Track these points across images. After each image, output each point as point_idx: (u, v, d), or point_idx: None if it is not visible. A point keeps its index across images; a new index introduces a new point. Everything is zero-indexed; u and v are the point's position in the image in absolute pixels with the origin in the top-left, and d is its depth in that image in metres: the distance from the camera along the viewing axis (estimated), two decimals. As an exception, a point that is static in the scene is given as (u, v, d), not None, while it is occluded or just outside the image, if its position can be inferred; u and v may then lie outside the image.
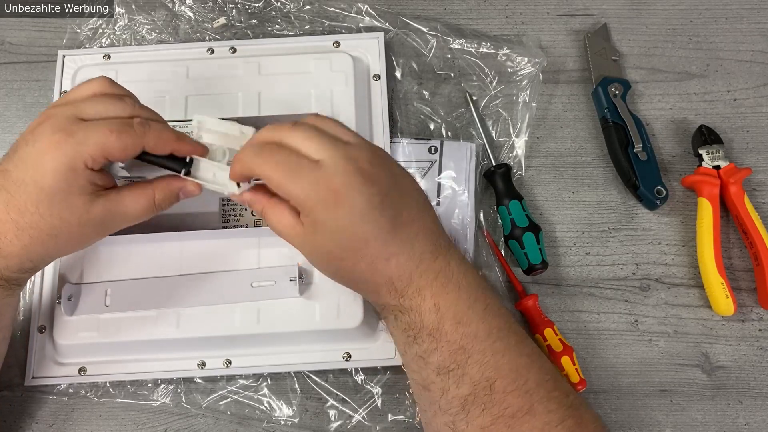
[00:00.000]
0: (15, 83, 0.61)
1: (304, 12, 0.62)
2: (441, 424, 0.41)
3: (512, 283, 0.55)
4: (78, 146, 0.39)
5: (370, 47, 0.59)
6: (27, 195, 0.40)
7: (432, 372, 0.41)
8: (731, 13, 0.63)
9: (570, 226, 0.57)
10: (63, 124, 0.40)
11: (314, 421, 0.51)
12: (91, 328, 0.50)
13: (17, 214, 0.41)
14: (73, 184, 0.40)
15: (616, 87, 0.59)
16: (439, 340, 0.40)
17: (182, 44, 0.61)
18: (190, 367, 0.51)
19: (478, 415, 0.39)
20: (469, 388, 0.39)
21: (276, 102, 0.55)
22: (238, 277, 0.51)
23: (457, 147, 0.57)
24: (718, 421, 0.52)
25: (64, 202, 0.40)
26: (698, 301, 0.55)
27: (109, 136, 0.40)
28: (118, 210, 0.43)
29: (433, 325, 0.40)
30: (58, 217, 0.41)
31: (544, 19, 0.63)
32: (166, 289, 0.51)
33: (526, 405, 0.39)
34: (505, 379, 0.40)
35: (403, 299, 0.41)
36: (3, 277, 0.43)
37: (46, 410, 0.52)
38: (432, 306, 0.40)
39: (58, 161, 0.39)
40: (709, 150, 0.57)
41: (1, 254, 0.42)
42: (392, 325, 0.43)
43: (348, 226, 0.39)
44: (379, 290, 0.41)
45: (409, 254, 0.40)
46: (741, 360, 0.53)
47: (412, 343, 0.41)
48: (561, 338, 0.52)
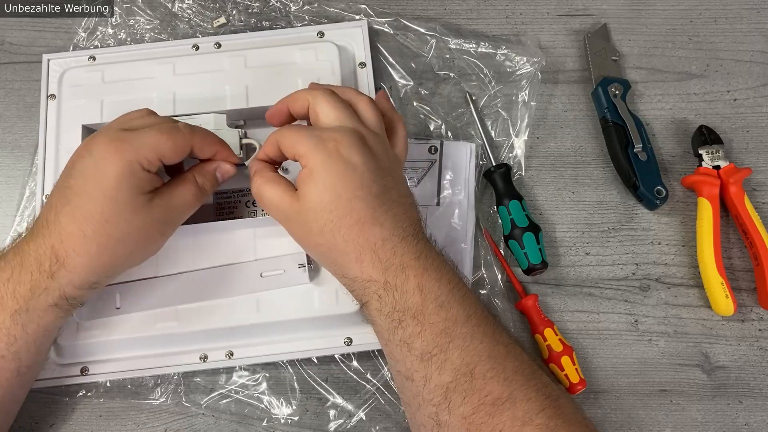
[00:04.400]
0: (15, 83, 0.61)
1: (304, 12, 0.62)
2: (425, 417, 0.41)
3: (512, 283, 0.55)
4: (134, 150, 0.42)
5: (354, 36, 0.60)
6: (92, 203, 0.42)
7: (416, 359, 0.41)
8: (731, 13, 0.63)
9: (570, 226, 0.57)
10: (116, 135, 0.43)
11: (314, 420, 0.52)
12: (93, 327, 0.50)
13: (84, 223, 0.42)
14: (133, 186, 0.42)
15: (616, 87, 0.59)
16: (423, 323, 0.41)
17: (166, 42, 0.61)
18: (193, 361, 0.51)
19: (460, 404, 0.40)
20: (451, 375, 0.40)
21: (264, 94, 0.55)
22: (247, 268, 0.51)
23: (457, 147, 0.57)
24: (718, 421, 0.52)
25: (127, 204, 0.42)
26: (698, 301, 0.55)
27: (160, 137, 0.43)
28: (173, 203, 0.45)
29: (417, 306, 0.41)
30: (125, 219, 0.42)
31: (544, 19, 0.63)
32: (176, 287, 0.51)
33: (505, 392, 0.40)
34: (485, 365, 0.40)
35: (387, 273, 0.42)
36: (65, 295, 0.43)
37: (46, 410, 0.52)
38: (415, 286, 0.41)
39: (118, 165, 0.42)
40: (709, 150, 0.57)
41: (67, 268, 0.42)
42: (375, 311, 0.43)
43: (342, 174, 0.42)
44: (363, 258, 0.42)
45: (393, 228, 0.42)
46: (741, 360, 0.53)
47: (396, 328, 0.42)
48: (561, 338, 0.52)
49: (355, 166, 0.42)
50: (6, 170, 0.59)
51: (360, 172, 0.42)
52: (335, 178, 0.41)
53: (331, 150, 0.42)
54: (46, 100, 0.57)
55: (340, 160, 0.42)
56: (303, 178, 0.43)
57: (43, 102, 0.57)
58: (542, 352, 0.52)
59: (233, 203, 0.54)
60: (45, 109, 0.57)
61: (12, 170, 0.59)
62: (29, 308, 0.43)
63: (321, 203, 0.42)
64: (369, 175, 0.42)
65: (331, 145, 0.42)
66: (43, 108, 0.57)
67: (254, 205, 0.54)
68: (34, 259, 0.43)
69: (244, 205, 0.54)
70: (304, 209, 0.42)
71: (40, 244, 0.43)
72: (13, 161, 0.59)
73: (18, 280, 0.43)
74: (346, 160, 0.42)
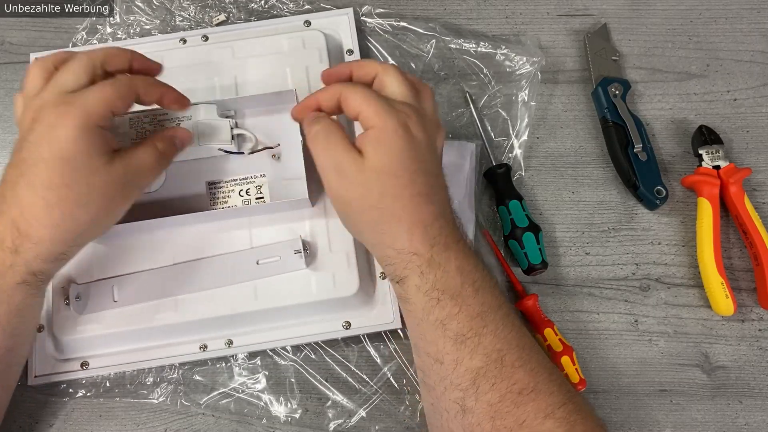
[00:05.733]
0: (15, 83, 0.61)
1: (304, 12, 0.62)
2: (449, 402, 0.42)
3: (512, 283, 0.55)
4: (83, 108, 0.41)
5: (340, 24, 0.60)
6: (50, 169, 0.41)
7: (449, 341, 0.42)
8: (731, 13, 0.63)
9: (570, 226, 0.57)
10: (60, 99, 0.42)
11: (314, 420, 0.52)
12: (92, 321, 0.50)
13: (43, 190, 0.41)
14: (90, 145, 0.41)
15: (616, 87, 0.59)
16: (460, 305, 0.42)
17: (153, 37, 0.61)
18: (192, 351, 0.52)
19: (488, 391, 0.40)
20: (482, 360, 0.41)
21: (253, 83, 0.55)
22: (243, 256, 0.51)
23: (457, 147, 0.57)
24: (718, 421, 0.52)
25: (86, 165, 0.42)
26: (698, 301, 0.55)
27: (104, 90, 0.42)
28: (133, 164, 0.44)
29: (456, 287, 0.42)
30: (85, 182, 0.42)
31: (544, 19, 0.63)
32: (173, 277, 0.51)
33: (531, 383, 0.41)
34: (514, 353, 0.41)
35: (433, 250, 0.42)
36: (31, 271, 0.43)
37: (46, 410, 0.52)
38: (456, 267, 0.42)
39: (71, 127, 0.41)
40: (709, 150, 0.57)
41: (32, 240, 0.42)
42: (414, 287, 0.43)
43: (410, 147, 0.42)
44: (414, 230, 0.42)
45: (443, 209, 0.44)
46: (741, 360, 0.53)
47: (434, 307, 0.42)
48: (561, 338, 0.52)
49: (419, 142, 0.43)
50: (6, 170, 0.59)
51: (423, 150, 0.43)
52: (403, 148, 0.42)
53: (401, 121, 0.42)
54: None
55: (409, 132, 0.42)
56: (370, 139, 0.42)
57: None
58: (542, 352, 0.53)
59: (227, 192, 0.54)
60: None
61: (12, 170, 0.58)
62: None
63: (389, 167, 0.42)
64: (429, 156, 0.44)
65: (402, 116, 0.42)
66: None
67: (248, 194, 0.54)
68: None
69: (237, 194, 0.54)
70: (369, 168, 0.42)
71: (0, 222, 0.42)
72: (13, 161, 0.59)
73: None
74: (413, 135, 0.42)
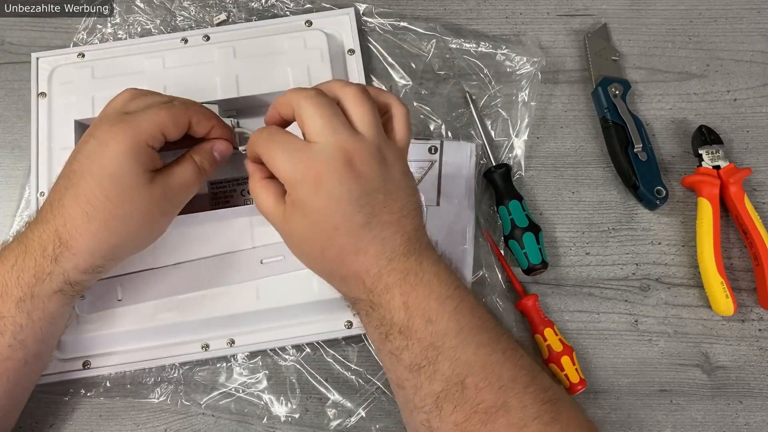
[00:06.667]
0: (15, 83, 0.61)
1: (305, 11, 0.62)
2: (417, 423, 0.41)
3: (512, 283, 0.55)
4: (136, 128, 0.43)
5: (342, 23, 0.60)
6: (95, 183, 0.42)
7: (405, 369, 0.41)
8: (731, 13, 0.63)
9: (570, 226, 0.57)
10: (117, 118, 0.44)
11: (314, 419, 0.52)
12: (94, 320, 0.50)
13: (86, 203, 0.42)
14: (137, 164, 0.43)
15: (616, 87, 0.59)
16: (409, 338, 0.41)
17: (155, 36, 0.61)
18: (195, 350, 0.52)
19: (452, 412, 0.40)
20: (441, 384, 0.40)
21: (254, 83, 0.55)
22: (247, 255, 0.51)
23: (457, 147, 0.57)
24: (718, 421, 0.52)
25: (130, 184, 0.43)
26: (698, 301, 0.55)
27: (160, 113, 0.44)
28: (173, 181, 0.45)
29: (403, 322, 0.41)
30: (128, 199, 0.43)
31: (544, 19, 0.63)
32: (177, 277, 0.51)
33: (500, 400, 0.39)
34: (477, 375, 0.40)
35: (372, 295, 0.41)
36: (68, 281, 0.43)
37: (46, 410, 0.52)
38: (401, 304, 0.41)
39: (122, 144, 0.42)
40: (709, 150, 0.57)
41: (71, 250, 0.43)
42: (365, 322, 0.43)
43: (322, 210, 0.40)
44: (348, 282, 0.42)
45: (380, 252, 0.41)
46: (741, 360, 0.53)
47: (384, 340, 0.42)
48: (561, 338, 0.52)
49: (338, 198, 0.40)
50: (6, 170, 0.59)
51: (343, 205, 0.40)
52: (316, 212, 0.40)
53: (310, 182, 0.40)
54: (37, 98, 0.57)
55: (322, 193, 0.40)
56: (286, 202, 0.42)
57: (34, 100, 0.57)
58: (542, 352, 0.52)
59: (229, 192, 0.54)
60: (36, 108, 0.57)
61: (12, 170, 0.58)
62: (34, 295, 0.43)
63: (303, 234, 0.42)
64: (352, 207, 0.40)
65: (311, 176, 0.40)
66: (34, 106, 0.57)
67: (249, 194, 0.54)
68: (38, 245, 0.43)
69: (239, 194, 0.54)
70: (287, 233, 0.43)
71: (43, 230, 0.43)
72: (13, 161, 0.59)
73: (22, 266, 0.43)
74: (328, 193, 0.40)
